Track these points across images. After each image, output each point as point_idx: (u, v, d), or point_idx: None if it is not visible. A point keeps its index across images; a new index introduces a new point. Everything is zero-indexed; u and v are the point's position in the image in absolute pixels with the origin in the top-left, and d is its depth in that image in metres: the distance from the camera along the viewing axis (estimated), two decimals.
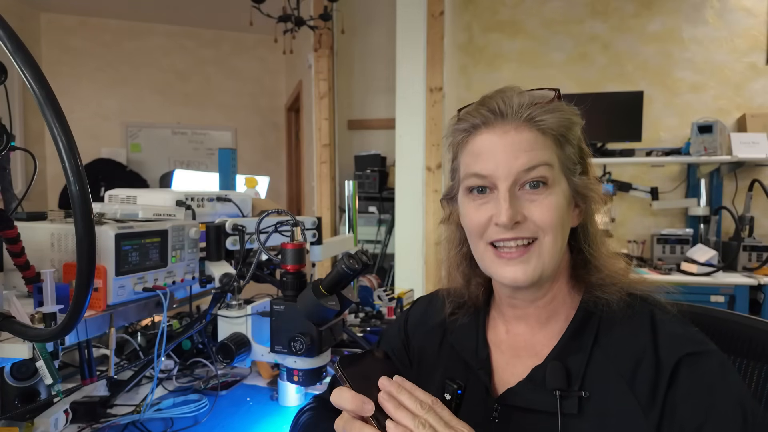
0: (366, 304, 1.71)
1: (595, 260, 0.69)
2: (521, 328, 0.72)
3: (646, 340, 0.63)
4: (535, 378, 0.66)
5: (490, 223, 0.65)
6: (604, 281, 0.67)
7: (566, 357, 0.65)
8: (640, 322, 0.65)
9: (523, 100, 0.65)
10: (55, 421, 0.93)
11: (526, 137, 0.63)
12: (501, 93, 0.66)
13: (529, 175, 0.63)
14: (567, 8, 3.51)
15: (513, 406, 0.66)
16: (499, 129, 0.64)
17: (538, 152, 0.63)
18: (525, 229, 0.64)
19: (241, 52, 5.56)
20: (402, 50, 3.01)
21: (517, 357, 0.71)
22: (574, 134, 0.67)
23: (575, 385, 0.63)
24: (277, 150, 5.79)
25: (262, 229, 1.07)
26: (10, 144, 0.77)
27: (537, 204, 0.63)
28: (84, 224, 0.52)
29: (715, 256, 2.76)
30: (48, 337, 0.67)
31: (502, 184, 0.63)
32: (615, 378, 0.62)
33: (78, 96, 5.05)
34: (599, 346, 0.65)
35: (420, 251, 3.03)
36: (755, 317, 0.78)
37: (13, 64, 0.49)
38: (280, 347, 0.90)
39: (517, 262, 0.64)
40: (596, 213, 0.70)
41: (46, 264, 0.94)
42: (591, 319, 0.67)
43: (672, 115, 3.37)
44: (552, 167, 0.64)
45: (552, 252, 0.64)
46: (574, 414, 0.61)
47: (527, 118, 0.64)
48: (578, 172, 0.68)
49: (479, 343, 0.74)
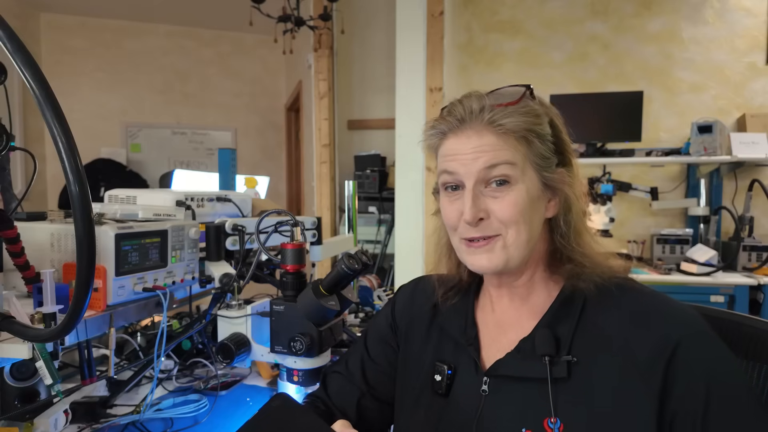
0: (366, 304, 1.71)
1: (568, 251, 0.71)
2: (506, 305, 0.76)
3: (639, 310, 0.66)
4: (523, 348, 0.69)
5: (460, 220, 0.69)
6: (578, 272, 0.70)
7: (555, 325, 0.68)
8: (626, 294, 0.68)
9: (483, 104, 0.68)
10: (54, 421, 0.93)
11: (486, 140, 0.67)
12: (464, 99, 0.71)
13: (491, 174, 0.67)
14: (567, 8, 3.51)
15: (502, 376, 0.69)
16: (463, 134, 0.69)
17: (499, 152, 0.67)
18: (488, 227, 0.68)
19: (241, 52, 5.56)
20: (402, 50, 3.01)
21: (503, 333, 0.74)
22: (542, 129, 0.69)
23: (563, 351, 0.66)
24: (276, 150, 5.79)
25: (262, 229, 1.07)
26: (10, 144, 0.77)
27: (499, 201, 0.67)
28: (84, 224, 0.52)
29: (714, 256, 2.76)
30: (48, 338, 0.67)
31: (468, 183, 0.68)
32: (604, 344, 0.65)
33: (78, 96, 5.05)
34: (586, 314, 0.68)
35: (420, 251, 3.03)
36: (755, 317, 0.78)
37: (13, 64, 0.49)
38: (280, 347, 0.90)
39: (483, 251, 0.69)
40: (575, 203, 0.72)
41: (45, 264, 0.94)
42: (576, 293, 0.70)
43: (672, 115, 3.37)
44: (515, 165, 0.67)
45: (516, 244, 0.68)
46: (563, 378, 0.64)
47: (488, 121, 0.67)
48: (554, 164, 0.70)
49: (468, 323, 0.77)
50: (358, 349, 0.88)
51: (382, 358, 0.86)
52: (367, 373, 0.85)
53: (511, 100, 0.68)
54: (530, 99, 0.70)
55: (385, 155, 3.59)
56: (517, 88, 0.70)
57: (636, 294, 0.68)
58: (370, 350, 0.87)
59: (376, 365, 0.85)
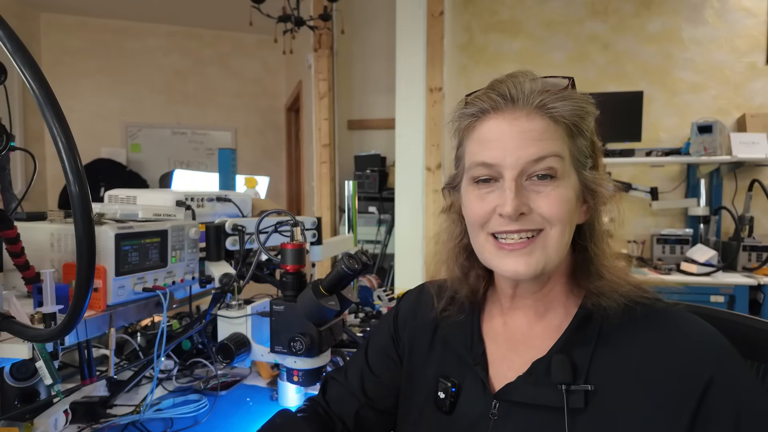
0: (366, 304, 1.71)
1: (599, 259, 0.65)
2: (519, 319, 0.70)
3: (662, 337, 0.60)
4: (536, 371, 0.63)
5: (494, 213, 0.62)
6: (603, 289, 0.64)
7: (570, 350, 0.62)
8: (649, 317, 0.62)
9: (535, 87, 0.61)
10: (54, 421, 0.93)
11: (537, 125, 0.60)
12: (512, 77, 0.63)
13: (538, 166, 0.60)
14: (567, 8, 3.51)
15: (513, 401, 0.64)
16: (509, 115, 0.61)
17: (549, 142, 0.60)
18: (530, 221, 0.60)
19: (241, 52, 5.56)
20: (402, 50, 3.01)
21: (514, 350, 0.68)
22: (587, 125, 0.64)
23: (580, 379, 0.60)
24: (277, 150, 5.79)
25: (262, 229, 1.07)
26: (10, 144, 0.77)
27: (544, 196, 0.60)
28: (84, 224, 0.52)
29: (714, 256, 2.76)
30: (48, 338, 0.67)
31: (509, 174, 0.60)
32: (623, 372, 0.59)
33: (78, 96, 5.05)
34: (604, 339, 0.62)
35: (420, 251, 3.03)
36: (755, 317, 0.78)
37: (13, 64, 0.49)
38: (280, 347, 0.90)
39: (520, 254, 0.61)
40: (603, 211, 0.67)
41: (45, 264, 0.94)
42: (593, 316, 0.64)
43: (672, 115, 3.37)
44: (562, 159, 0.61)
45: (558, 246, 0.61)
46: (580, 409, 0.59)
47: (539, 104, 0.60)
48: (589, 167, 0.65)
49: (474, 338, 0.71)
50: (359, 360, 0.86)
51: (383, 370, 0.82)
52: (365, 385, 0.82)
53: (559, 89, 0.62)
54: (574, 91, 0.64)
55: (385, 155, 3.59)
56: (560, 79, 0.63)
57: (663, 316, 0.62)
58: (370, 362, 0.84)
59: (375, 377, 0.82)
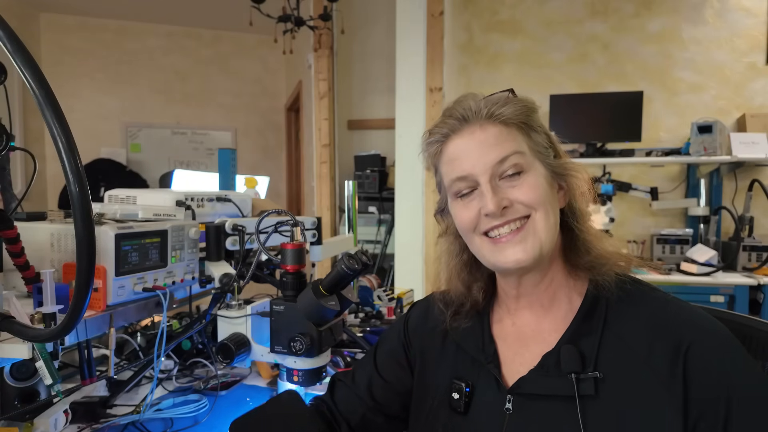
0: (366, 304, 1.71)
1: (585, 235, 0.71)
2: (527, 317, 0.74)
3: (657, 320, 0.65)
4: (547, 364, 0.67)
5: (480, 215, 0.68)
6: (595, 262, 0.69)
7: (578, 340, 0.67)
8: (644, 303, 0.67)
9: (480, 103, 0.69)
10: (54, 421, 0.93)
11: (491, 133, 0.68)
12: (459, 102, 0.71)
13: (504, 166, 0.67)
14: (567, 8, 3.51)
15: (527, 394, 0.67)
16: (466, 132, 0.69)
17: (507, 143, 0.67)
18: (514, 211, 0.67)
19: (241, 52, 5.56)
20: (402, 50, 3.01)
21: (524, 347, 0.72)
22: (535, 121, 0.71)
23: (589, 367, 0.64)
24: (276, 150, 5.79)
25: (262, 229, 1.07)
26: (10, 144, 0.77)
27: (518, 187, 0.67)
28: (84, 224, 0.52)
29: (714, 256, 2.76)
30: (48, 338, 0.67)
31: (483, 179, 0.67)
32: (629, 358, 0.63)
33: (78, 96, 5.04)
34: (609, 328, 0.66)
35: (420, 251, 3.03)
36: (755, 317, 0.78)
37: (13, 64, 0.49)
38: (280, 347, 0.90)
39: (515, 243, 0.67)
40: (579, 190, 0.72)
41: (45, 264, 0.94)
42: (599, 303, 0.68)
43: (672, 115, 3.37)
44: (523, 154, 0.68)
45: (546, 227, 0.67)
46: (591, 395, 0.63)
47: (487, 115, 0.68)
48: (552, 156, 0.71)
49: (485, 339, 0.75)
50: (367, 364, 0.87)
51: (391, 375, 0.85)
52: (373, 389, 0.84)
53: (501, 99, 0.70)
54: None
55: (385, 155, 3.59)
56: (500, 93, 0.72)
57: (651, 301, 0.68)
58: (379, 366, 0.86)
59: (385, 383, 0.84)
